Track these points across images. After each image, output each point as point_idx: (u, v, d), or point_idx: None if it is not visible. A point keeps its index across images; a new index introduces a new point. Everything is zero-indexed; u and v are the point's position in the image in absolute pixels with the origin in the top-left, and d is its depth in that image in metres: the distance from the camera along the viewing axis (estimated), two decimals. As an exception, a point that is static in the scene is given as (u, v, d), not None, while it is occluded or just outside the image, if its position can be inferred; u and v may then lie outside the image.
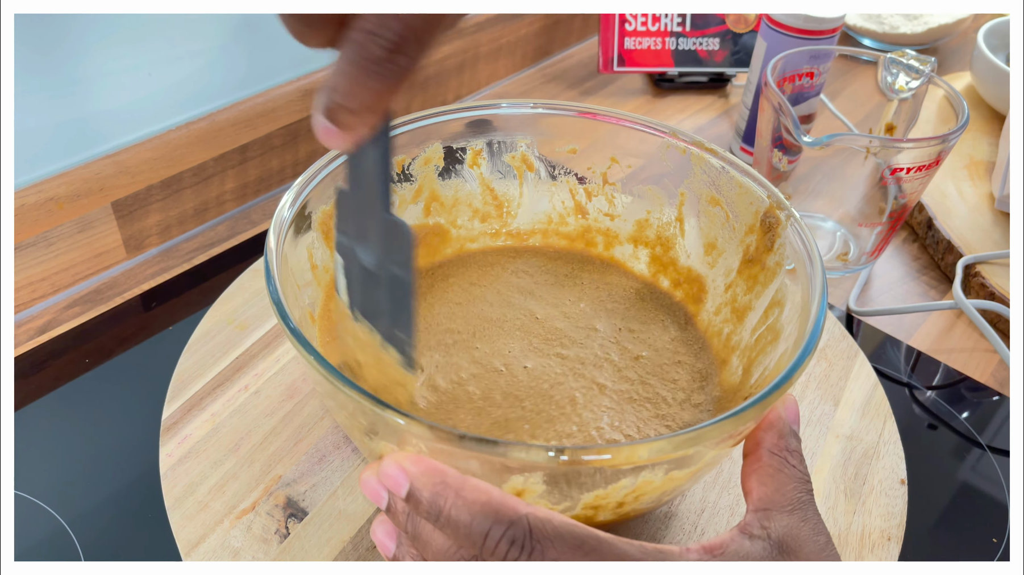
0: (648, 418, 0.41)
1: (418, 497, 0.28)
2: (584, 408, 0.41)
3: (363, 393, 0.30)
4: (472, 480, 0.28)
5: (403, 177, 0.47)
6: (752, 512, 0.30)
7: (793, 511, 0.30)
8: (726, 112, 0.80)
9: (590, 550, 0.26)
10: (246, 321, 0.50)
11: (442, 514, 0.27)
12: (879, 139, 0.51)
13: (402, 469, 0.28)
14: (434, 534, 0.28)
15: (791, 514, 0.30)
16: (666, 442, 0.29)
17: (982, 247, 0.60)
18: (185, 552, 0.38)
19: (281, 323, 0.33)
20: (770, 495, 0.30)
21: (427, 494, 0.27)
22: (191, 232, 0.61)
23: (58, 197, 0.51)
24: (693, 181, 0.47)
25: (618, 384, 0.43)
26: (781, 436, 0.32)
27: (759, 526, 0.29)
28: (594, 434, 0.39)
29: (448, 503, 0.27)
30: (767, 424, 0.32)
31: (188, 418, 0.44)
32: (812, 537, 0.29)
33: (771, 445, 0.32)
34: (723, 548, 0.29)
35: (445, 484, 0.28)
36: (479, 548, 0.27)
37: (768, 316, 0.42)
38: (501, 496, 0.27)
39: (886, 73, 0.58)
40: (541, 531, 0.26)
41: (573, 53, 0.89)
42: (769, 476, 0.31)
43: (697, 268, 0.48)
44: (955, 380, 0.53)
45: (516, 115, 0.49)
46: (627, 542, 0.27)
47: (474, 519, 0.27)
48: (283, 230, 0.38)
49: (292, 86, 0.62)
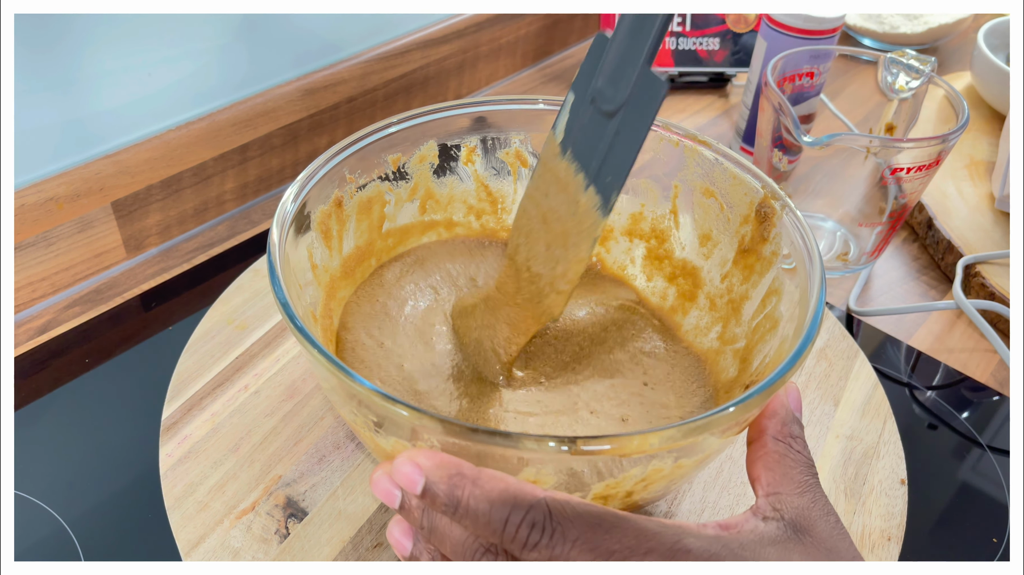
0: (651, 406, 0.41)
1: (435, 491, 0.27)
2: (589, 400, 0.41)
3: (371, 387, 0.30)
4: (487, 470, 0.28)
5: (398, 175, 0.47)
6: (763, 497, 0.31)
7: (803, 494, 0.30)
8: (726, 112, 0.80)
9: (610, 527, 0.27)
10: (246, 321, 0.50)
11: (460, 505, 0.27)
12: (879, 139, 0.51)
13: (416, 465, 0.28)
14: (452, 527, 0.28)
15: (801, 496, 0.30)
16: (676, 430, 0.29)
17: (982, 247, 0.60)
18: (185, 552, 0.38)
19: (285, 319, 0.33)
20: (778, 480, 0.31)
21: (444, 487, 0.27)
22: (191, 232, 0.61)
23: (58, 197, 0.51)
24: (687, 173, 0.47)
25: (617, 378, 0.43)
26: (784, 423, 0.32)
27: (771, 509, 0.30)
28: (602, 421, 0.39)
29: (466, 493, 0.27)
30: (770, 412, 0.33)
31: (188, 418, 0.44)
32: (823, 517, 0.30)
33: (775, 432, 0.32)
34: (739, 527, 0.29)
35: (461, 475, 0.27)
36: (500, 535, 0.27)
37: (766, 305, 0.42)
38: (518, 483, 0.27)
39: (886, 73, 0.58)
40: (560, 513, 0.27)
41: (573, 53, 0.89)
42: (775, 462, 0.31)
43: (692, 260, 0.48)
44: (955, 380, 0.53)
45: (510, 111, 0.49)
46: (646, 518, 0.27)
47: (493, 507, 0.27)
48: (286, 224, 0.38)
49: (292, 86, 0.62)
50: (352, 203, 0.45)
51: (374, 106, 0.70)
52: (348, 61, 0.66)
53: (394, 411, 0.30)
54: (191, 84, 0.57)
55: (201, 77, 0.58)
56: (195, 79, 0.58)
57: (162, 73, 0.56)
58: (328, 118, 0.66)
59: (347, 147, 0.43)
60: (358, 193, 0.45)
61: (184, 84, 0.57)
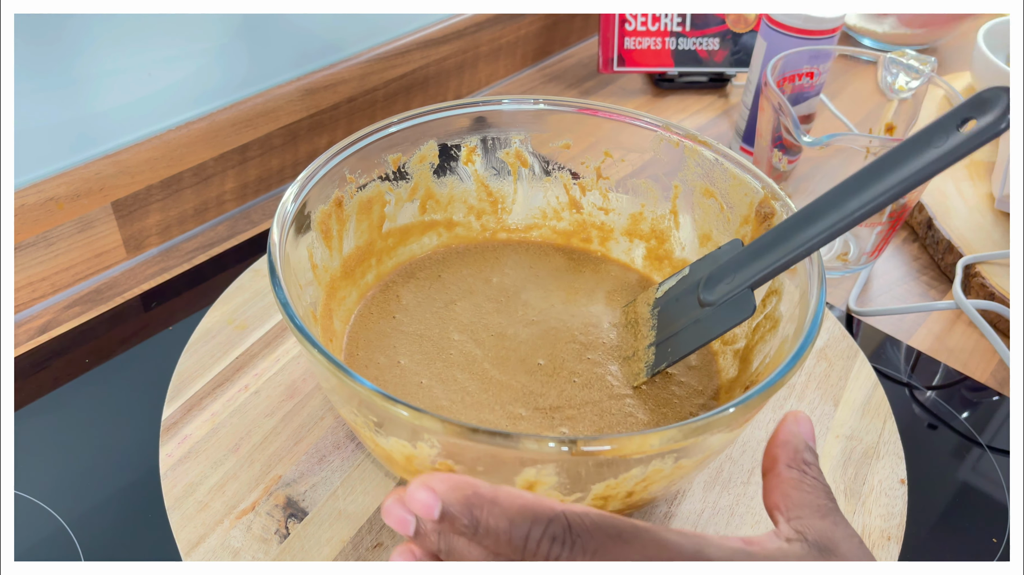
0: (655, 406, 0.41)
1: (452, 514, 0.27)
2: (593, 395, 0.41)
3: (371, 387, 0.30)
4: (504, 488, 0.28)
5: (398, 175, 0.47)
6: (784, 521, 0.30)
7: (824, 517, 0.30)
8: (726, 112, 0.80)
9: (630, 538, 0.26)
10: (246, 321, 0.50)
11: (480, 525, 0.27)
12: (879, 139, 0.51)
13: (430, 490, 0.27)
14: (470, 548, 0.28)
15: (822, 519, 0.30)
16: (676, 430, 0.29)
17: (982, 247, 0.60)
18: (185, 552, 0.38)
19: (285, 319, 0.34)
20: (797, 504, 0.30)
21: (462, 508, 0.27)
22: (191, 232, 0.61)
23: (58, 197, 0.51)
24: (687, 174, 0.47)
25: (619, 378, 0.43)
26: (796, 451, 0.32)
27: (794, 531, 0.29)
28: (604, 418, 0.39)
29: (484, 513, 0.27)
30: (781, 441, 0.32)
31: (188, 418, 0.44)
32: (847, 538, 0.30)
33: (788, 460, 0.32)
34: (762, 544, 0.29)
35: (478, 495, 0.27)
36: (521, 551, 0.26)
37: (766, 305, 0.42)
38: (535, 498, 0.27)
39: (886, 73, 0.58)
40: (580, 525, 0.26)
41: (573, 53, 0.89)
42: (792, 488, 0.31)
43: (693, 260, 0.48)
44: (955, 380, 0.53)
45: (510, 111, 0.49)
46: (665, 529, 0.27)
47: (513, 524, 0.26)
48: (286, 224, 0.38)
49: (292, 86, 0.62)
50: (352, 203, 0.45)
51: (374, 106, 0.70)
52: (348, 61, 0.66)
53: (394, 411, 0.30)
54: (191, 84, 0.57)
55: (201, 77, 0.58)
56: (195, 79, 0.58)
57: (162, 73, 0.56)
58: (328, 118, 0.66)
59: (347, 147, 0.43)
60: (358, 193, 0.45)
61: (184, 84, 0.57)
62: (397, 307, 0.47)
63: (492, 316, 0.46)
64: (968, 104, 0.31)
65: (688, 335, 0.40)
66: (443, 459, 0.32)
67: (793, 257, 0.36)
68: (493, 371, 0.43)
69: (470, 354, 0.44)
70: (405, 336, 0.45)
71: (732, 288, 0.38)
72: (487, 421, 0.40)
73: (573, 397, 0.42)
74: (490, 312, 0.47)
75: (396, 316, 0.46)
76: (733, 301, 0.38)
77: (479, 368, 0.43)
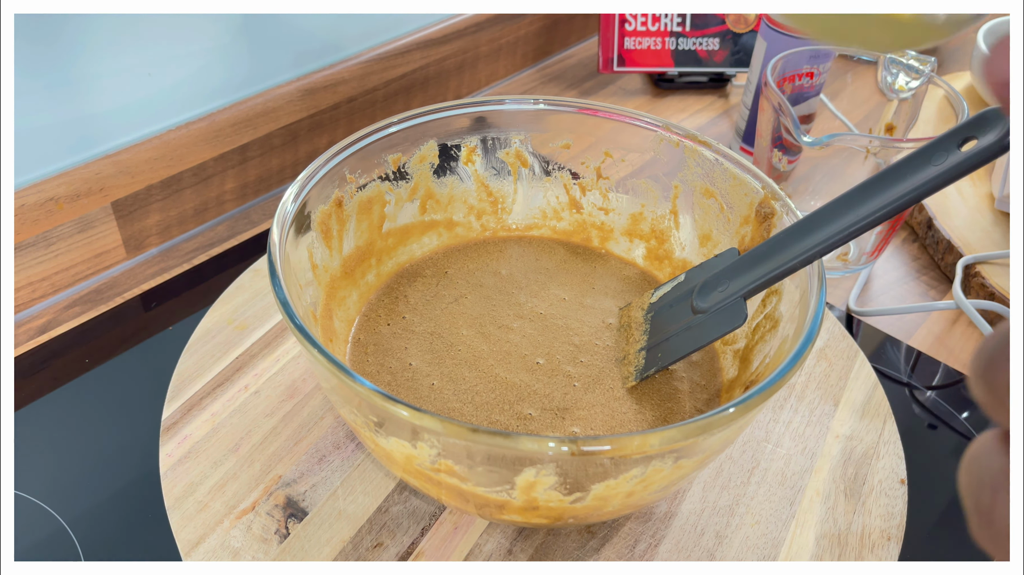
0: (654, 405, 0.41)
1: None
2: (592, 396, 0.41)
3: (371, 387, 0.30)
4: None
5: (398, 175, 0.47)
6: None
7: None
8: (726, 112, 0.80)
9: None
10: (246, 321, 0.50)
11: None
12: (879, 139, 0.51)
13: None
14: None
15: None
16: (676, 430, 0.29)
17: (982, 247, 0.60)
18: (185, 552, 0.38)
19: (286, 319, 0.34)
20: None
21: None
22: (191, 232, 0.61)
23: (58, 197, 0.51)
24: (687, 174, 0.47)
25: (616, 378, 0.43)
26: None
27: None
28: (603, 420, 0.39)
29: None
30: None
31: (188, 418, 0.44)
32: None
33: None
34: None
35: None
36: None
37: (766, 305, 0.42)
38: None
39: (886, 73, 0.58)
40: None
41: (573, 53, 0.89)
42: None
43: (692, 260, 0.48)
44: (955, 380, 0.53)
45: (510, 111, 0.49)
46: None
47: None
48: (286, 224, 0.38)
49: (292, 86, 0.62)
50: (352, 203, 0.45)
51: (374, 106, 0.70)
52: (348, 61, 0.66)
53: (394, 411, 0.30)
54: (191, 84, 0.57)
55: (201, 77, 0.58)
56: (195, 79, 0.58)
57: (162, 73, 0.56)
58: (328, 118, 0.66)
59: (347, 147, 0.43)
60: (358, 193, 0.45)
61: (184, 84, 0.57)
62: (406, 307, 0.47)
63: (502, 309, 0.47)
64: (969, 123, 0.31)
65: (679, 341, 0.40)
66: (443, 459, 0.32)
67: (787, 269, 0.37)
68: (498, 368, 0.43)
69: (477, 350, 0.44)
70: (416, 336, 0.45)
71: (725, 297, 0.39)
72: (498, 423, 0.40)
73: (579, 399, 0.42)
74: (500, 305, 0.47)
75: (406, 316, 0.46)
76: (725, 309, 0.39)
77: (485, 365, 0.43)
